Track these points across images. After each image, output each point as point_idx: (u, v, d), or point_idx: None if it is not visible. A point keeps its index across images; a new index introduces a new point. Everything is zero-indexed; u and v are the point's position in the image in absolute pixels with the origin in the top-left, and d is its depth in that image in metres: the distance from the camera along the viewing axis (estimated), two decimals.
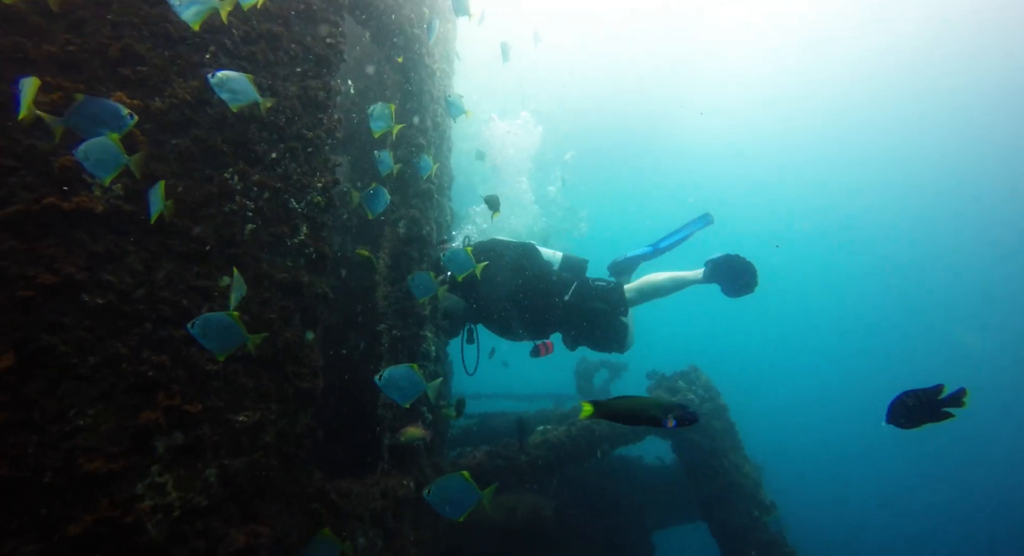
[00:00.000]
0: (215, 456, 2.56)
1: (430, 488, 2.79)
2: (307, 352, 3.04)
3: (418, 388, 3.01)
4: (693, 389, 7.48)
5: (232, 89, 2.74)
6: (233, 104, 2.76)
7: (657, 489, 9.30)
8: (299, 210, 3.17)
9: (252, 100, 2.80)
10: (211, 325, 2.45)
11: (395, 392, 2.97)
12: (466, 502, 2.83)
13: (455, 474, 2.85)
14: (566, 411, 9.70)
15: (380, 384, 2.92)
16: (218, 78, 2.68)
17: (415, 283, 3.57)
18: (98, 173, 2.38)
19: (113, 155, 2.39)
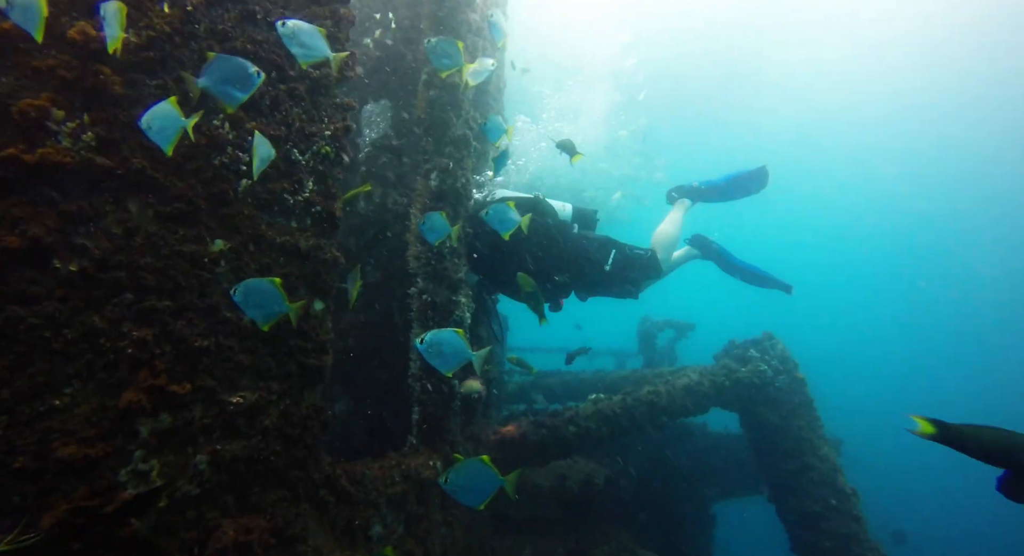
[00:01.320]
0: (207, 440, 2.31)
1: (447, 475, 2.45)
2: (314, 325, 2.71)
3: (462, 356, 2.67)
4: (767, 359, 6.75)
5: (303, 43, 2.43)
6: (303, 61, 2.45)
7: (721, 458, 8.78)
8: (303, 162, 2.77)
9: (324, 57, 2.49)
10: (252, 292, 2.24)
11: (437, 359, 2.63)
12: (486, 489, 2.49)
13: (475, 459, 2.50)
14: (624, 373, 9.24)
15: (421, 349, 2.60)
16: (288, 28, 2.35)
17: (427, 226, 3.16)
18: (160, 141, 2.16)
19: (173, 121, 2.16)
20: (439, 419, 3.66)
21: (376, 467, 3.01)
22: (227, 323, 2.43)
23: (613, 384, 9.01)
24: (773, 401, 6.53)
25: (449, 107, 3.92)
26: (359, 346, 5.15)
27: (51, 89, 2.25)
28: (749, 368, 6.67)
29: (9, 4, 1.97)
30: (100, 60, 2.32)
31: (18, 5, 1.99)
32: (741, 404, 6.70)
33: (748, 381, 6.55)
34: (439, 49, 3.16)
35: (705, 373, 6.60)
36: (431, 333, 2.65)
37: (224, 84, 2.30)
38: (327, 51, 2.48)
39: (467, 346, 2.71)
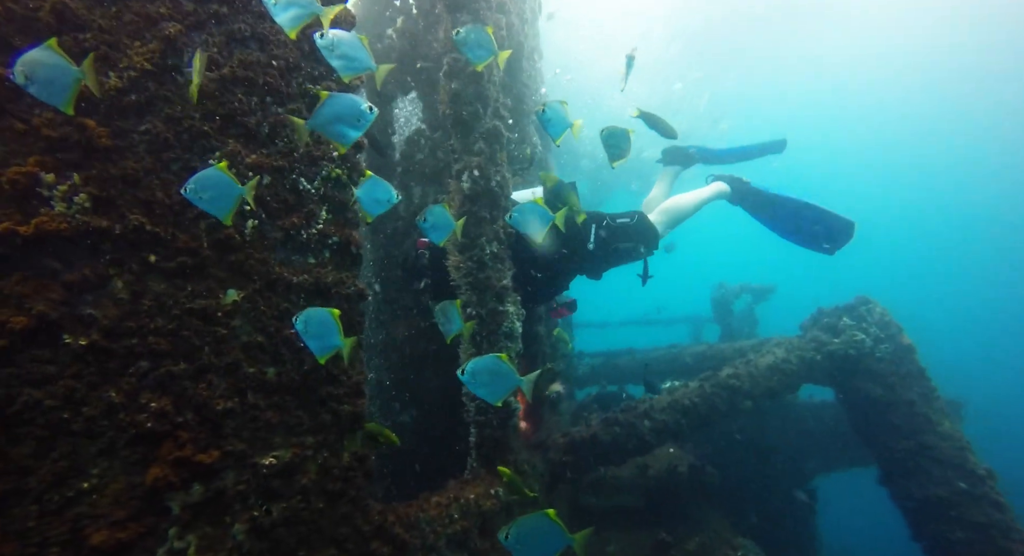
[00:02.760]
0: (243, 508, 2.16)
1: (508, 531, 2.19)
2: (344, 366, 2.49)
3: (509, 382, 2.39)
4: (863, 327, 6.02)
5: (344, 54, 2.19)
6: (345, 74, 2.22)
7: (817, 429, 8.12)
8: (313, 191, 2.52)
9: (367, 69, 2.24)
10: (313, 321, 2.13)
11: (483, 389, 2.37)
12: (551, 548, 2.22)
13: (540, 514, 2.22)
14: (700, 349, 8.67)
15: (464, 380, 2.34)
16: (328, 39, 2.11)
17: (428, 224, 2.84)
18: (215, 212, 2.03)
19: (229, 189, 2.01)
20: (497, 440, 3.42)
21: (432, 506, 2.81)
22: (249, 379, 2.26)
23: (690, 362, 8.51)
24: (875, 373, 5.82)
25: (475, 99, 3.55)
26: (419, 353, 5.01)
27: (38, 151, 2.10)
28: (843, 339, 5.98)
29: (29, 79, 1.79)
30: (81, 113, 2.15)
31: (40, 80, 1.82)
32: (836, 379, 6.04)
33: (843, 353, 5.87)
34: (470, 40, 2.77)
35: (792, 348, 5.98)
36: (472, 362, 2.37)
37: (335, 123, 2.18)
38: (370, 61, 2.21)
39: (514, 370, 2.41)
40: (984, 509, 4.97)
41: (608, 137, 2.85)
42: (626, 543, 6.03)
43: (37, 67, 1.74)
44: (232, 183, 1.99)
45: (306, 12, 1.98)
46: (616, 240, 4.35)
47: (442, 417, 4.81)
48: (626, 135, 2.88)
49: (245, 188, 2.03)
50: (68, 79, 1.80)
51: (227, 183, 1.97)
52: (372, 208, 2.51)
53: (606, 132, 2.85)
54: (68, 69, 1.79)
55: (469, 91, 3.53)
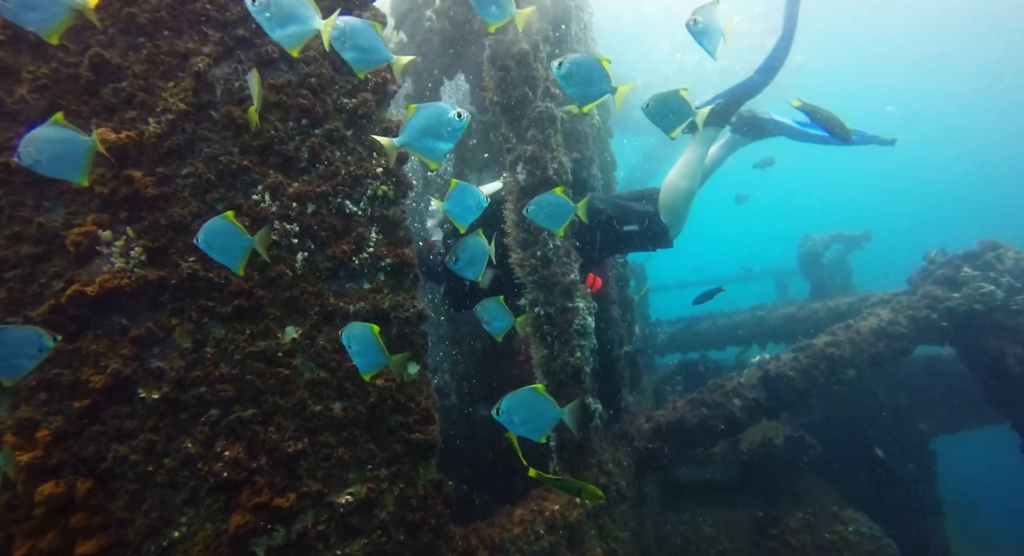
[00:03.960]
0: (326, 547, 2.15)
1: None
2: (412, 393, 2.40)
3: (550, 416, 2.20)
4: (992, 277, 5.27)
5: (358, 45, 1.97)
6: (359, 67, 2.01)
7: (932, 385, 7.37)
8: (360, 213, 2.39)
9: (384, 61, 2.02)
10: (355, 338, 2.01)
11: (524, 427, 2.20)
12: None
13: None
14: (790, 310, 8.03)
15: (501, 421, 2.17)
16: (339, 28, 1.92)
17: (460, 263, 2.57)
18: (226, 261, 1.96)
19: (237, 240, 1.93)
20: (579, 443, 3.27)
21: (516, 524, 2.73)
22: (317, 418, 2.21)
23: (777, 326, 7.94)
24: (1009, 329, 5.10)
25: (522, 82, 3.26)
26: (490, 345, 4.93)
27: (94, 209, 2.10)
28: (966, 292, 5.27)
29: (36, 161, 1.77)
30: (127, 164, 2.12)
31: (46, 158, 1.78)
32: (959, 340, 5.37)
33: (966, 310, 5.18)
34: None
35: (900, 308, 5.36)
36: (507, 399, 2.15)
37: (424, 138, 2.03)
38: (387, 53, 2.00)
39: (552, 401, 2.20)
40: None
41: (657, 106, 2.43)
42: (722, 521, 5.81)
43: (45, 145, 1.68)
44: (240, 234, 1.88)
45: (306, 28, 1.79)
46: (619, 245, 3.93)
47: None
48: (678, 97, 2.45)
49: (256, 239, 1.92)
50: (81, 150, 1.73)
51: (235, 234, 1.86)
52: (463, 217, 2.37)
53: (653, 102, 2.43)
54: (79, 141, 1.73)
55: (514, 74, 3.25)
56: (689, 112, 2.39)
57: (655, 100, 2.38)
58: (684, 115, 2.39)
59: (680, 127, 2.40)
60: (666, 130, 2.41)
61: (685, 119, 2.40)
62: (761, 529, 5.61)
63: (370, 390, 2.30)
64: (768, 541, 5.54)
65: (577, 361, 3.24)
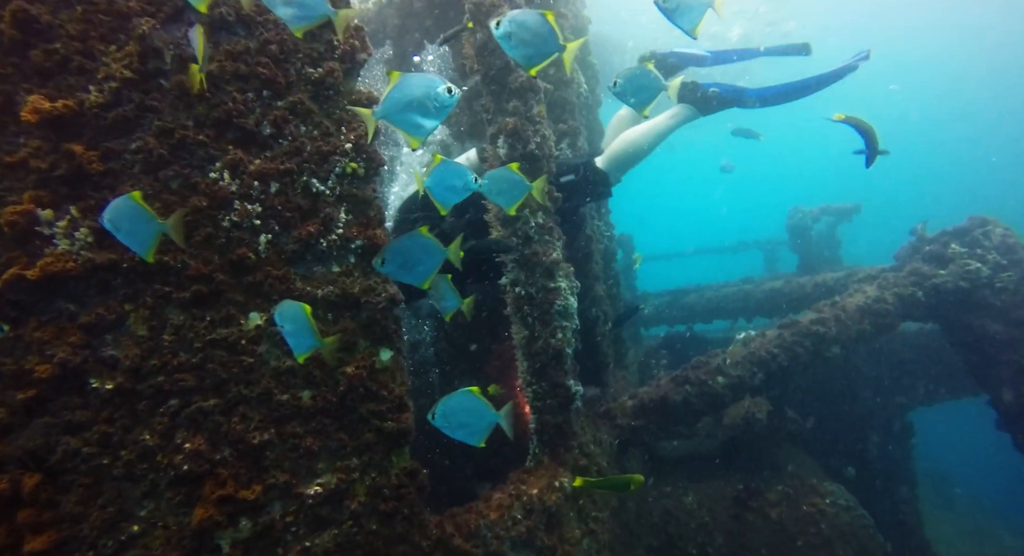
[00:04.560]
0: (294, 539, 2.09)
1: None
2: (384, 380, 2.32)
3: (486, 420, 2.09)
4: (979, 254, 5.24)
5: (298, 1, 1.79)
6: (296, 25, 1.83)
7: (914, 358, 7.44)
8: (328, 192, 2.25)
9: (324, 16, 1.83)
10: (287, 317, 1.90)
11: (460, 431, 2.10)
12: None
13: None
14: (777, 284, 8.01)
15: (437, 424, 2.07)
16: None
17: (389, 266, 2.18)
18: (135, 246, 1.79)
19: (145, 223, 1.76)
20: (559, 425, 3.22)
21: (493, 508, 2.69)
22: (284, 407, 2.13)
23: (764, 300, 7.93)
24: (993, 307, 5.09)
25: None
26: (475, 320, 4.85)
27: (30, 186, 1.95)
28: (952, 269, 5.23)
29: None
30: (67, 136, 1.95)
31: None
32: (943, 316, 5.37)
33: (952, 287, 5.16)
34: None
35: (886, 284, 5.33)
36: (441, 402, 2.06)
37: (408, 112, 1.87)
38: (326, 6, 1.82)
39: (487, 406, 2.10)
40: None
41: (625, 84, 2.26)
42: (704, 494, 5.88)
43: None
44: (149, 218, 1.71)
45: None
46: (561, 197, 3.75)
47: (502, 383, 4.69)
48: (646, 73, 2.29)
49: (169, 224, 1.76)
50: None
51: (143, 217, 1.70)
52: (446, 198, 2.22)
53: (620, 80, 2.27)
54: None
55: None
56: (659, 86, 2.25)
57: (622, 78, 2.23)
58: (654, 90, 2.25)
59: (652, 103, 2.26)
60: (637, 107, 2.28)
61: (655, 93, 2.26)
62: (741, 502, 5.69)
63: (340, 378, 2.21)
64: (747, 513, 5.62)
65: (558, 343, 3.17)
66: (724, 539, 5.72)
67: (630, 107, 2.31)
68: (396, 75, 1.87)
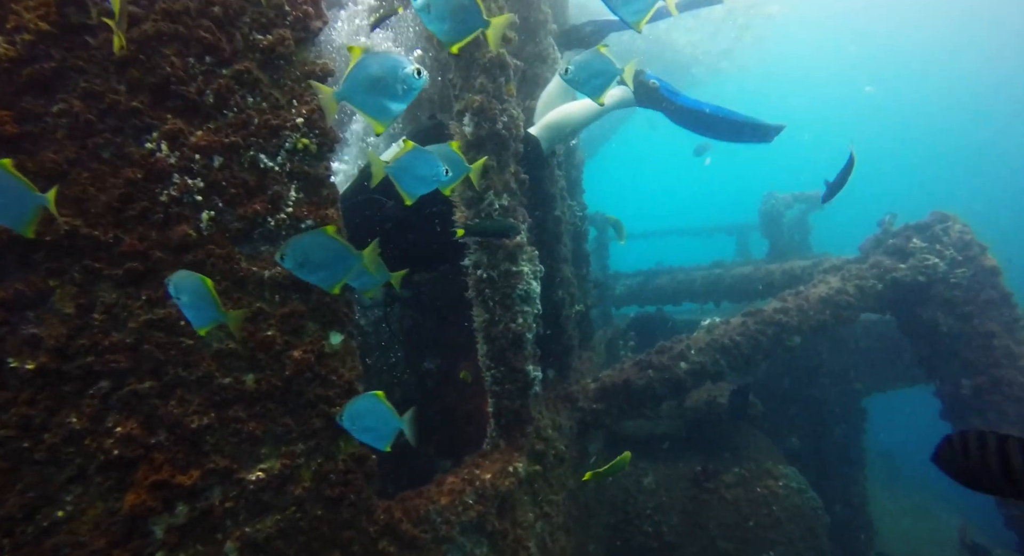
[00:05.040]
0: (234, 524, 2.04)
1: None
2: (334, 364, 2.25)
3: (391, 425, 2.03)
4: (938, 249, 5.35)
5: None
6: None
7: (873, 346, 7.67)
8: (277, 168, 2.14)
9: None
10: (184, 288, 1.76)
11: (367, 434, 2.04)
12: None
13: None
14: (747, 270, 8.10)
15: (345, 426, 2.01)
16: None
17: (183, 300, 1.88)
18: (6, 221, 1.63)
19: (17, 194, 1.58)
20: (516, 410, 3.21)
21: (445, 493, 2.68)
22: (227, 391, 2.05)
23: (734, 285, 8.02)
24: (946, 301, 5.23)
25: None
26: (440, 299, 4.79)
27: None
28: (912, 263, 5.35)
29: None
30: None
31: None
32: (900, 309, 5.50)
33: (910, 281, 5.28)
34: None
35: (849, 276, 5.42)
36: (347, 405, 2.01)
37: (372, 93, 1.77)
38: None
39: (392, 412, 2.04)
40: None
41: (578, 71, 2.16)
42: (663, 474, 6.01)
43: None
44: (24, 189, 1.55)
45: None
46: None
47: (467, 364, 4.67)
48: (599, 57, 2.19)
49: (47, 196, 1.59)
50: None
51: (16, 188, 1.53)
52: (412, 187, 2.13)
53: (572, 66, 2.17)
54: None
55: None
56: (614, 70, 2.16)
57: (574, 65, 2.14)
58: (609, 75, 2.17)
59: (608, 89, 2.18)
60: (592, 95, 2.19)
61: (611, 79, 2.17)
62: (698, 483, 5.84)
63: (286, 362, 2.14)
64: (703, 495, 5.78)
65: (519, 327, 3.13)
66: (680, 518, 5.89)
67: (584, 95, 2.22)
68: (358, 51, 1.76)
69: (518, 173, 3.25)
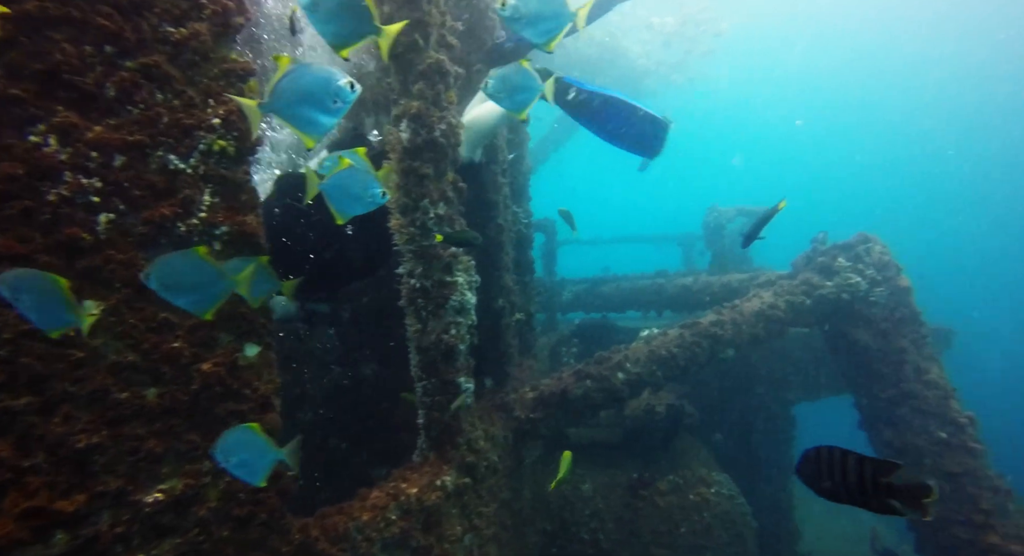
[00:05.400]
0: (126, 550, 1.90)
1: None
2: (249, 378, 2.14)
3: (269, 457, 1.92)
4: (860, 268, 5.64)
5: None
6: None
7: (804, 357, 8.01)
8: (189, 170, 2.01)
9: None
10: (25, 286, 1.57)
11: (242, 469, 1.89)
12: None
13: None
14: (687, 281, 8.32)
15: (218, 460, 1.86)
16: None
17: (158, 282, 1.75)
18: None
19: None
20: (447, 422, 3.15)
21: (367, 509, 2.59)
22: (123, 406, 1.91)
23: (675, 295, 8.23)
24: (867, 319, 5.53)
25: (411, 26, 2.88)
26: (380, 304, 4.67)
27: None
28: (837, 281, 5.62)
29: None
30: None
31: None
32: (826, 325, 5.77)
33: (835, 298, 5.55)
34: None
35: (780, 292, 5.64)
36: (221, 440, 1.86)
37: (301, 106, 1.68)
38: None
39: (269, 443, 1.92)
40: (959, 458, 4.89)
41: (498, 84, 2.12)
42: (601, 482, 6.09)
43: None
44: None
45: None
46: None
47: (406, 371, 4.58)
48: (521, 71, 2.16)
49: None
50: None
51: None
52: (345, 207, 2.02)
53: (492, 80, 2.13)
54: None
55: (403, 14, 2.86)
56: (536, 86, 2.15)
57: (495, 79, 2.11)
58: (531, 91, 2.15)
59: (530, 105, 2.17)
60: (514, 109, 2.17)
61: (533, 95, 2.16)
62: (634, 491, 5.95)
63: (194, 375, 2.01)
64: (638, 502, 5.89)
65: (451, 339, 3.08)
66: (615, 525, 5.97)
67: (506, 109, 2.19)
68: (285, 61, 1.67)
69: (456, 181, 3.20)
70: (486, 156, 4.10)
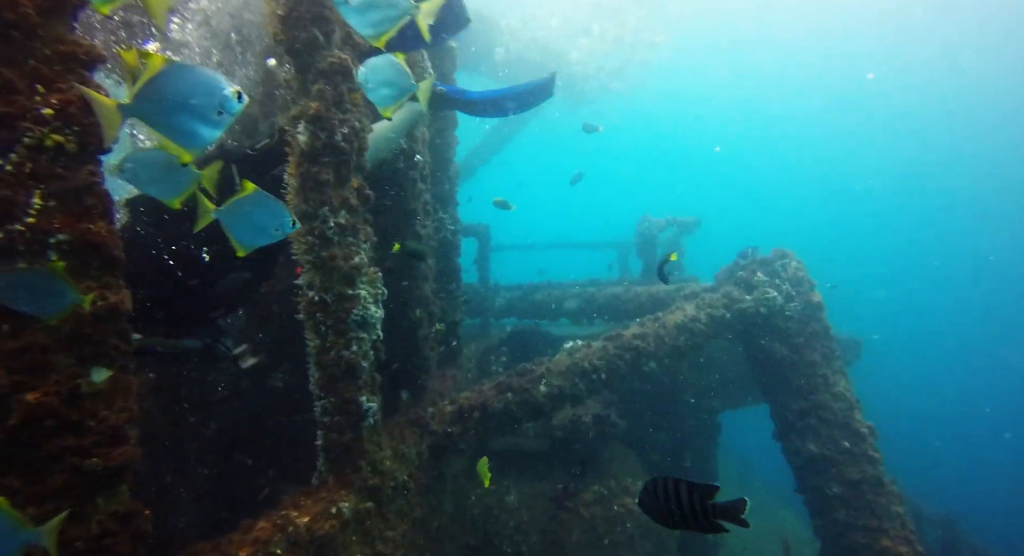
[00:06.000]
0: None
1: None
2: (94, 407, 1.87)
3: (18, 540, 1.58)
4: (777, 283, 5.82)
5: None
6: None
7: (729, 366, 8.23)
8: (10, 167, 1.74)
9: None
10: None
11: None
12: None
13: None
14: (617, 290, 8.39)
15: None
16: None
17: None
18: None
19: None
20: (347, 444, 2.95)
21: (248, 542, 2.35)
22: None
23: (605, 304, 8.29)
24: (782, 332, 5.71)
25: (311, 21, 2.67)
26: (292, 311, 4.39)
27: None
28: (755, 296, 5.78)
29: None
30: None
31: None
32: (745, 337, 5.92)
33: (753, 312, 5.70)
34: None
35: (702, 305, 5.74)
36: None
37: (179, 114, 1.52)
38: None
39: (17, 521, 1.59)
40: (860, 466, 5.12)
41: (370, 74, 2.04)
42: (527, 493, 6.00)
43: None
44: None
45: None
46: None
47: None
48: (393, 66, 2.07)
49: None
50: None
51: None
52: (248, 238, 1.86)
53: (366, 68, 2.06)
54: None
55: (303, 9, 2.65)
56: (407, 85, 2.05)
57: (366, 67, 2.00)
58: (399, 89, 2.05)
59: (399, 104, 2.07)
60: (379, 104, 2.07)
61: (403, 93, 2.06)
62: (558, 502, 5.89)
63: (12, 407, 1.73)
64: (563, 513, 5.84)
65: (352, 356, 2.88)
66: (539, 537, 5.89)
67: (373, 102, 2.08)
68: (158, 61, 1.45)
69: (362, 189, 3.01)
70: (403, 162, 3.92)
